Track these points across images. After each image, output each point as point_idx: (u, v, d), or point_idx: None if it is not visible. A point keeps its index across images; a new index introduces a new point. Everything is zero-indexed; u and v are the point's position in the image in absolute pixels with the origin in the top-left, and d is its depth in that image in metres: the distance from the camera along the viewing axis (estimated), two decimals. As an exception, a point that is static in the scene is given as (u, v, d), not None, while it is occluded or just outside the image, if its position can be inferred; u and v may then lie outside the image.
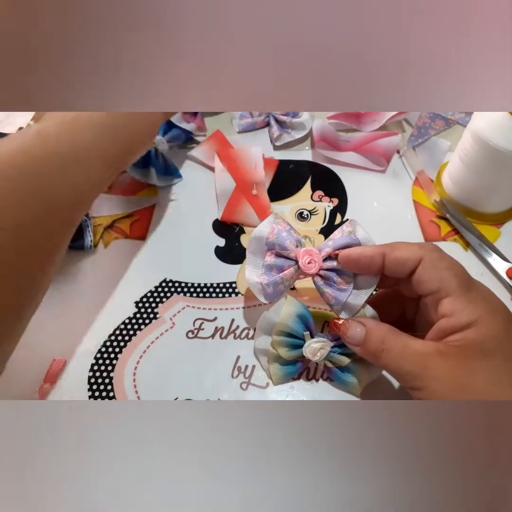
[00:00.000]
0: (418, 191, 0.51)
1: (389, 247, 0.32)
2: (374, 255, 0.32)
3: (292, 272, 0.35)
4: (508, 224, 0.48)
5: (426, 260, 0.30)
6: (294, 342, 0.35)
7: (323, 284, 0.35)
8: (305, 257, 0.34)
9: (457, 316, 0.28)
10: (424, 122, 0.57)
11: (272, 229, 0.36)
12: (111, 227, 0.48)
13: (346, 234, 0.34)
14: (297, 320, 0.35)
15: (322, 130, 0.54)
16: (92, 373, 0.38)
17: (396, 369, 0.30)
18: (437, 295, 0.30)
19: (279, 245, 0.35)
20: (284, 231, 0.36)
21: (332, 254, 0.34)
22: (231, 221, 0.48)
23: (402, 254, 0.31)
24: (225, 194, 0.50)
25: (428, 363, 0.28)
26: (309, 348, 0.35)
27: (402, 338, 0.30)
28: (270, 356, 0.37)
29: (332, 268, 0.34)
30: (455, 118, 0.58)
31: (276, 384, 0.37)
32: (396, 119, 0.56)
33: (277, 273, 0.35)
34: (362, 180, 0.52)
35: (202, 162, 0.53)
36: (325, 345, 0.34)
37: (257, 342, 0.38)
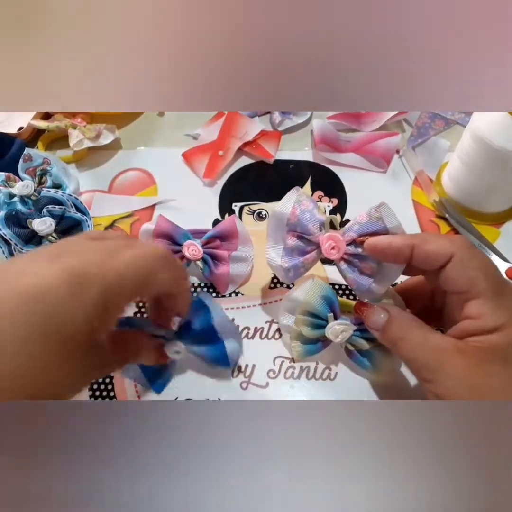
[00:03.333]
0: (418, 191, 0.51)
1: (419, 239, 0.30)
2: (402, 247, 0.30)
3: (314, 256, 0.34)
4: (507, 224, 0.48)
5: (457, 257, 0.29)
6: (317, 323, 0.35)
7: (346, 269, 0.34)
8: (328, 242, 0.33)
9: (484, 320, 0.28)
10: (424, 122, 0.57)
11: (294, 210, 0.35)
12: (111, 227, 0.48)
13: (374, 220, 0.32)
14: (322, 302, 0.35)
15: (323, 131, 0.54)
16: (92, 373, 0.38)
17: (412, 359, 0.29)
18: (465, 295, 0.29)
19: (301, 228, 0.34)
20: (307, 212, 0.34)
21: (356, 240, 0.33)
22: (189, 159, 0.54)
23: (432, 248, 0.30)
24: (202, 140, 0.56)
25: (445, 358, 0.28)
26: (332, 329, 0.34)
27: (423, 330, 0.30)
28: (293, 333, 0.37)
29: (355, 253, 0.33)
30: (454, 118, 0.58)
31: (297, 360, 0.38)
32: (396, 119, 0.56)
33: (299, 256, 0.35)
34: (361, 180, 0.52)
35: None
36: (348, 328, 0.34)
37: (282, 318, 0.38)
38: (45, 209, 0.44)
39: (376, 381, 0.37)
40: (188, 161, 0.54)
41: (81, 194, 0.51)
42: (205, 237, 0.42)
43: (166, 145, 0.56)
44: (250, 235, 0.43)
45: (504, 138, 0.41)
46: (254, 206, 0.50)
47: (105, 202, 0.50)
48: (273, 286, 0.43)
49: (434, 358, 0.28)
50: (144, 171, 0.53)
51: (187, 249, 0.41)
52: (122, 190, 0.51)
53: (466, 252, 0.29)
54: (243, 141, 0.54)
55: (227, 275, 0.41)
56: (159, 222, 0.42)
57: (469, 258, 0.29)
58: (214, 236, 0.42)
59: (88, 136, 0.52)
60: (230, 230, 0.42)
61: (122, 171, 0.53)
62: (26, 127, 0.54)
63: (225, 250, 0.42)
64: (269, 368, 0.39)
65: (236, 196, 0.51)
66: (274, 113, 0.57)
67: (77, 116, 0.54)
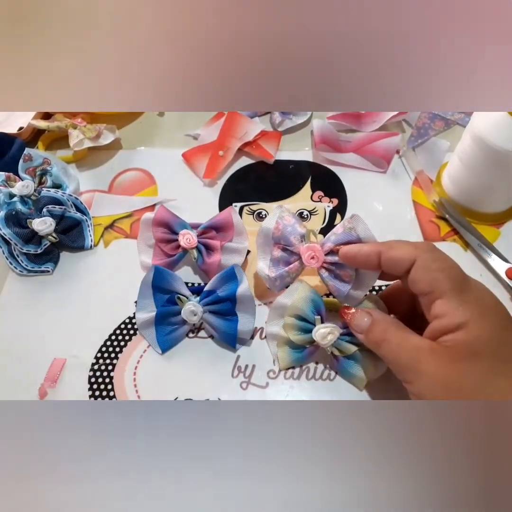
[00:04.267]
0: (418, 191, 0.51)
1: (385, 246, 0.32)
2: (370, 254, 0.33)
3: (297, 265, 0.37)
4: (507, 225, 0.48)
5: (419, 261, 0.30)
6: (305, 326, 0.36)
7: (328, 276, 0.36)
8: (308, 253, 0.36)
9: (448, 318, 0.29)
10: (424, 122, 0.57)
11: (277, 224, 0.37)
12: (111, 227, 0.48)
13: (347, 231, 0.35)
14: (309, 304, 0.36)
15: (323, 131, 0.54)
16: (92, 373, 0.38)
17: (393, 360, 0.31)
18: (430, 296, 0.30)
19: (284, 241, 0.37)
20: (288, 226, 0.37)
21: (333, 249, 0.35)
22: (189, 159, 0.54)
23: (396, 254, 0.31)
24: (202, 140, 0.56)
25: (421, 358, 0.29)
26: (319, 332, 0.35)
27: (402, 332, 0.31)
28: (279, 339, 0.38)
29: (334, 262, 0.36)
30: (454, 119, 0.58)
31: (283, 369, 0.38)
32: (396, 120, 0.56)
33: (284, 266, 0.38)
34: (361, 180, 0.52)
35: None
36: (334, 330, 0.35)
37: (269, 326, 0.39)
38: (45, 209, 0.44)
39: (361, 388, 0.37)
40: (188, 161, 0.54)
41: (81, 194, 0.51)
42: (201, 227, 0.43)
43: (166, 145, 0.56)
44: (245, 227, 0.44)
45: (504, 138, 0.41)
46: (254, 206, 0.50)
47: (105, 202, 0.50)
48: (273, 286, 0.43)
49: (412, 358, 0.29)
50: (144, 171, 0.53)
51: (183, 238, 0.42)
52: (122, 190, 0.51)
53: (428, 255, 0.30)
54: (243, 141, 0.54)
55: (218, 264, 0.42)
56: (159, 211, 0.43)
57: (431, 260, 0.30)
58: (210, 227, 0.43)
59: (88, 136, 0.52)
60: (225, 222, 0.43)
61: (122, 171, 0.53)
62: (26, 127, 0.54)
63: (219, 241, 0.43)
64: (269, 368, 0.39)
65: (236, 196, 0.51)
66: (274, 113, 0.57)
67: (77, 116, 0.54)
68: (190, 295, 0.39)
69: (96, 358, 0.39)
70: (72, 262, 0.45)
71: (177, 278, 0.39)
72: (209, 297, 0.38)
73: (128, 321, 0.41)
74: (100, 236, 0.47)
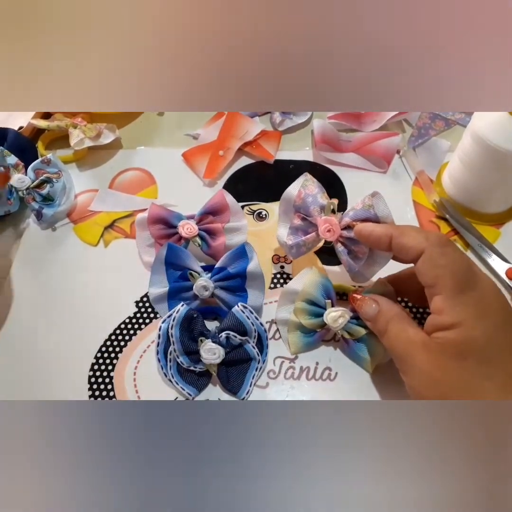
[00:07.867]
0: (418, 191, 0.51)
1: (398, 230, 0.32)
2: (381, 236, 0.33)
3: (314, 236, 0.38)
4: (507, 225, 0.48)
5: (427, 253, 0.30)
6: (316, 310, 0.37)
7: (343, 250, 0.37)
8: (324, 225, 0.37)
9: (443, 316, 0.29)
10: (424, 122, 0.57)
11: (299, 193, 0.38)
12: (111, 227, 0.48)
13: (366, 208, 0.35)
14: (320, 288, 0.37)
15: (323, 131, 0.54)
16: (92, 373, 0.38)
17: (391, 350, 0.32)
18: (431, 289, 0.30)
19: (304, 210, 0.38)
20: (310, 196, 0.38)
21: (350, 224, 0.36)
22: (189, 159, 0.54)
23: (406, 242, 0.32)
24: (202, 140, 0.56)
25: (413, 351, 0.30)
26: (330, 315, 0.36)
27: (403, 323, 0.32)
28: (290, 324, 0.38)
29: (350, 237, 0.36)
30: (455, 119, 0.58)
31: (294, 354, 0.39)
32: (396, 120, 0.56)
33: (302, 235, 0.39)
34: (362, 180, 0.52)
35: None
36: (345, 313, 0.36)
37: (279, 312, 0.40)
38: None
39: (370, 370, 0.37)
40: (188, 161, 0.54)
41: (81, 194, 0.51)
42: (197, 214, 0.44)
43: (166, 145, 0.56)
44: (239, 205, 0.45)
45: (504, 138, 0.41)
46: (254, 206, 0.50)
47: (108, 198, 0.50)
48: (273, 286, 0.43)
49: (406, 351, 0.30)
50: (144, 170, 0.53)
51: (183, 228, 0.42)
52: (122, 189, 0.51)
53: (437, 249, 0.30)
54: (243, 141, 0.54)
55: (224, 246, 0.42)
56: (152, 208, 0.43)
57: (439, 255, 0.30)
58: (206, 213, 0.44)
59: (89, 136, 0.52)
60: (220, 204, 0.44)
61: (122, 170, 0.53)
62: (26, 127, 0.54)
63: (219, 223, 0.43)
64: (269, 368, 0.39)
65: (236, 196, 0.50)
66: (274, 113, 0.57)
67: (77, 115, 0.54)
68: (201, 272, 0.40)
69: (96, 358, 0.39)
70: (72, 262, 0.45)
71: (189, 255, 0.40)
72: (220, 273, 0.39)
73: (128, 321, 0.41)
74: (100, 236, 0.47)
